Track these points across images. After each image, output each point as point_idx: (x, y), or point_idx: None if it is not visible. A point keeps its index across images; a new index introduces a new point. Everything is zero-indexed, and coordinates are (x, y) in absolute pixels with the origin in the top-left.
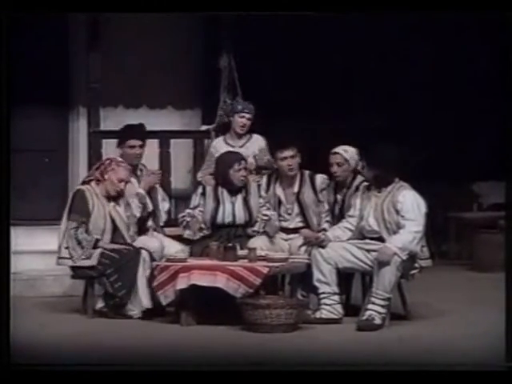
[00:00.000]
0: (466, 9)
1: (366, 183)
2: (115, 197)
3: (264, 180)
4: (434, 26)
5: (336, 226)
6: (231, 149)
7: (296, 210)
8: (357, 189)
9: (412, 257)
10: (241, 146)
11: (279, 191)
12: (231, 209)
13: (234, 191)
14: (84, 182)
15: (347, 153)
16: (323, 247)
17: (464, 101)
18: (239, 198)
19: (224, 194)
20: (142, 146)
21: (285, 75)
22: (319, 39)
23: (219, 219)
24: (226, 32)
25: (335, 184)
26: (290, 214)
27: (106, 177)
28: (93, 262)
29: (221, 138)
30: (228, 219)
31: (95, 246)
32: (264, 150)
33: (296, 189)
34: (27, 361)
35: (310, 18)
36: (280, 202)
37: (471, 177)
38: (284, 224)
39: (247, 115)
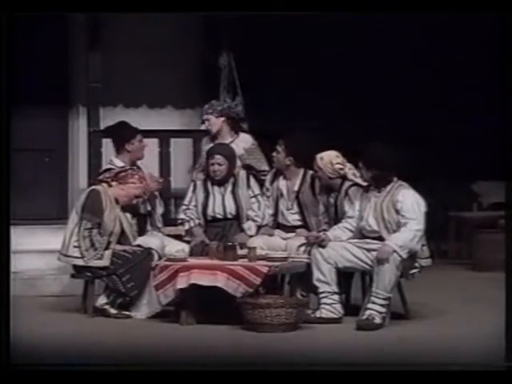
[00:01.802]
0: (466, 9)
1: (355, 186)
2: (121, 205)
3: (271, 172)
4: (434, 26)
5: (336, 226)
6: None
7: (295, 208)
8: (346, 193)
9: (412, 256)
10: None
11: (282, 185)
12: (221, 200)
13: (222, 183)
14: (95, 182)
15: (322, 160)
16: (323, 247)
17: (464, 100)
18: (228, 189)
19: (213, 186)
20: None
21: (284, 75)
22: (319, 39)
23: (210, 210)
24: (225, 32)
25: (324, 187)
26: (289, 210)
27: (123, 187)
28: (105, 262)
29: (209, 136)
30: (218, 209)
31: (107, 248)
32: (251, 149)
33: (296, 187)
34: (27, 361)
35: (310, 17)
36: (282, 196)
37: (471, 176)
38: (283, 221)
39: (204, 117)
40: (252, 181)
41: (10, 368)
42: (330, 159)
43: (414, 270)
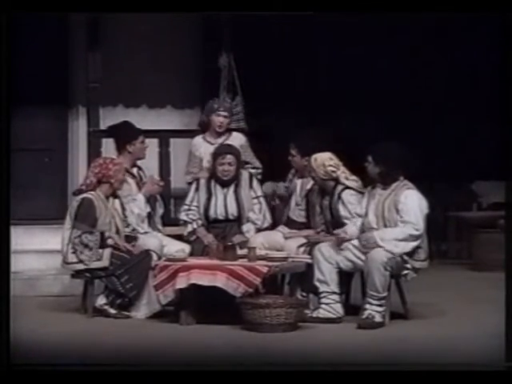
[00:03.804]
0: (466, 9)
1: (348, 190)
2: (115, 191)
3: (291, 172)
4: (434, 26)
5: (351, 223)
6: (211, 146)
7: (303, 205)
8: (339, 197)
9: (401, 256)
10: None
11: (298, 181)
12: (223, 200)
13: (225, 183)
14: (87, 189)
15: (315, 162)
16: (340, 247)
17: (464, 100)
18: (231, 190)
19: (216, 186)
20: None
21: (284, 75)
22: (319, 38)
23: (212, 211)
24: (225, 32)
25: (319, 189)
26: (298, 205)
27: (112, 180)
28: (105, 263)
29: (200, 137)
30: (220, 210)
31: (103, 244)
32: (244, 146)
33: (309, 186)
34: (27, 361)
35: (310, 17)
36: (295, 191)
37: (471, 176)
38: (292, 216)
39: (223, 113)
40: (255, 182)
41: (10, 368)
42: (322, 161)
43: (406, 271)
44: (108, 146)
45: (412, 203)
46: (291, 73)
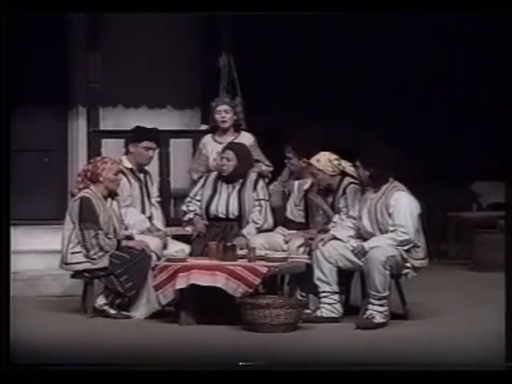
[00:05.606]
0: (467, 9)
1: (353, 185)
2: (111, 192)
3: (287, 170)
4: (434, 26)
5: (340, 225)
6: (219, 145)
7: (302, 205)
8: (344, 192)
9: (401, 255)
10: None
11: (295, 183)
12: (226, 199)
13: (229, 181)
14: (80, 190)
15: (319, 162)
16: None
17: (464, 101)
18: (235, 189)
19: (222, 184)
20: (154, 149)
21: (284, 75)
22: (319, 38)
23: (213, 209)
24: (225, 32)
25: (323, 189)
26: (296, 206)
27: (101, 179)
28: (104, 262)
29: (210, 135)
30: (221, 208)
31: (118, 249)
32: (253, 146)
33: (306, 186)
34: (27, 361)
35: (310, 17)
36: (293, 191)
37: (471, 177)
38: (290, 216)
39: (222, 107)
40: (260, 184)
41: (10, 368)
42: (327, 158)
43: (406, 270)
44: (108, 146)
45: (402, 206)
46: (291, 72)
